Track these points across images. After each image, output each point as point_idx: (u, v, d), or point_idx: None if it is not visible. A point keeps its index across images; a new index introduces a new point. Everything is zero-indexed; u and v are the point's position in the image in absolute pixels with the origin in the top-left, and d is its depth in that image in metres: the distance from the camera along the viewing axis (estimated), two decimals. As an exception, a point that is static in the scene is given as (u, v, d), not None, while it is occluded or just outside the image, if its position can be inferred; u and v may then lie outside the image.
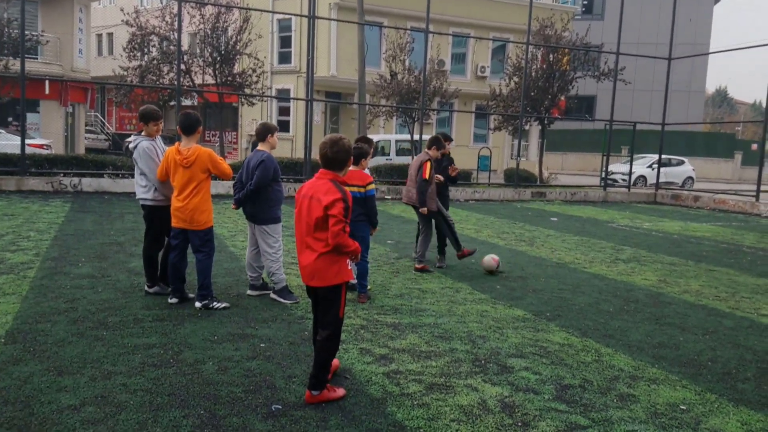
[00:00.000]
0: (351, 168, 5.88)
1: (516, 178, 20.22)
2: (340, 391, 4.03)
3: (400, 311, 6.09)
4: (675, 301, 7.08)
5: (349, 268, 4.02)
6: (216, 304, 5.85)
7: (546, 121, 22.56)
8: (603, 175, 21.99)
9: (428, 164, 7.89)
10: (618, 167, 26.32)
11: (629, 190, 22.03)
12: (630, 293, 7.36)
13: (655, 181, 22.94)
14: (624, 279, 8.15)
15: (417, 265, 7.98)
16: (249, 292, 6.43)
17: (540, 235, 11.85)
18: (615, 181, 24.89)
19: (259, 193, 6.07)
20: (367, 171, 6.43)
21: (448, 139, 8.55)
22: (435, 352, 4.98)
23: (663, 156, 22.81)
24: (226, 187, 15.51)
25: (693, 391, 4.43)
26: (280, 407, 3.84)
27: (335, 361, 4.31)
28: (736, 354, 5.31)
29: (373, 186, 6.24)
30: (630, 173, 22.93)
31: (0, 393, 3.82)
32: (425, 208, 7.93)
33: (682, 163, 29.07)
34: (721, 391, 4.46)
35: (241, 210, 6.33)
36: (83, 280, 6.64)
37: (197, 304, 5.82)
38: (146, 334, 5.04)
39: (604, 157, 21.76)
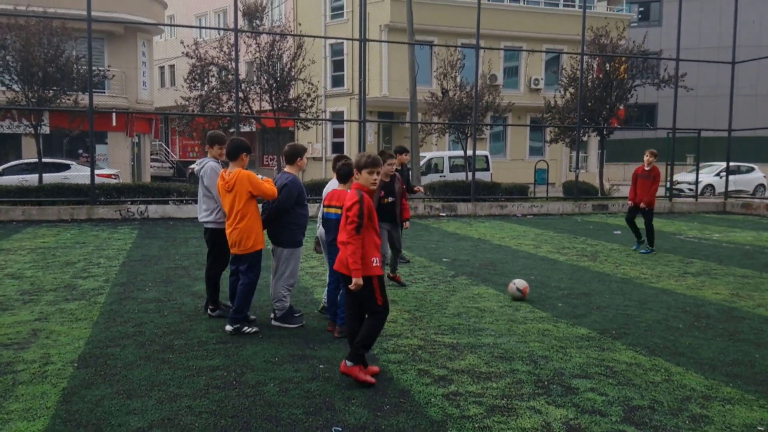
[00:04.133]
0: (339, 187, 5.69)
1: (576, 190, 19.76)
2: (370, 378, 4.54)
3: (458, 331, 6.01)
4: (749, 316, 6.73)
5: (375, 265, 4.55)
6: (247, 329, 5.77)
7: (605, 132, 22.04)
8: (668, 186, 21.26)
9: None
10: (684, 176, 25.38)
11: (696, 200, 21.22)
12: (701, 308, 7.04)
13: (723, 190, 22.03)
14: (694, 293, 7.80)
15: (390, 274, 7.91)
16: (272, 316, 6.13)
17: (603, 249, 11.51)
18: (681, 191, 24.01)
19: (281, 216, 5.94)
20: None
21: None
22: (495, 373, 4.88)
23: (731, 163, 21.89)
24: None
25: (774, 413, 4.18)
26: (340, 429, 3.84)
27: (375, 368, 4.78)
28: (821, 372, 4.99)
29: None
30: (696, 182, 22.11)
31: (73, 416, 3.98)
32: None
33: (752, 170, 27.76)
34: (805, 413, 4.19)
35: None
36: (150, 304, 6.87)
37: (228, 328, 5.76)
38: (210, 356, 5.16)
39: (669, 167, 21.05)
